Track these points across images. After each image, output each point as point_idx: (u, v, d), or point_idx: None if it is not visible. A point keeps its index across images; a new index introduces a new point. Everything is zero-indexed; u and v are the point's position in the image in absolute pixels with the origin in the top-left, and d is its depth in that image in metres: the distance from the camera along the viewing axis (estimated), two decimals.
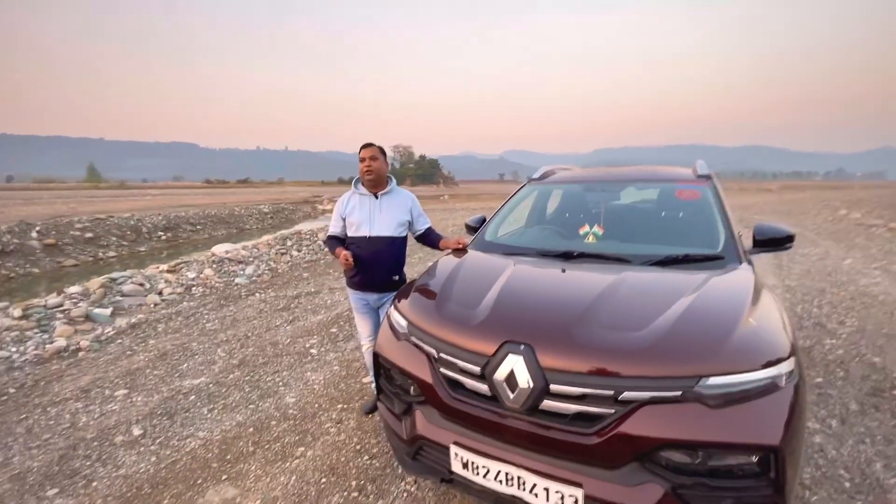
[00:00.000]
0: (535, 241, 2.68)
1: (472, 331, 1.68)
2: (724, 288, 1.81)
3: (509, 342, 1.56)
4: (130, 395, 3.19)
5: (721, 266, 2.01)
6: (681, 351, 1.44)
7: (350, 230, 2.66)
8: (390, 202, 2.69)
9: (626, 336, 1.50)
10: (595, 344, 1.49)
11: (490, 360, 1.57)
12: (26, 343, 4.17)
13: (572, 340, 1.50)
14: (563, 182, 3.14)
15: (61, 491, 2.20)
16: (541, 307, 1.74)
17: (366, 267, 2.63)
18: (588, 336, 1.52)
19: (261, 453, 2.47)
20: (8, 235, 10.04)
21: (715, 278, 1.86)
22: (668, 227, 2.54)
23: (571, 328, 1.55)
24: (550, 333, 1.56)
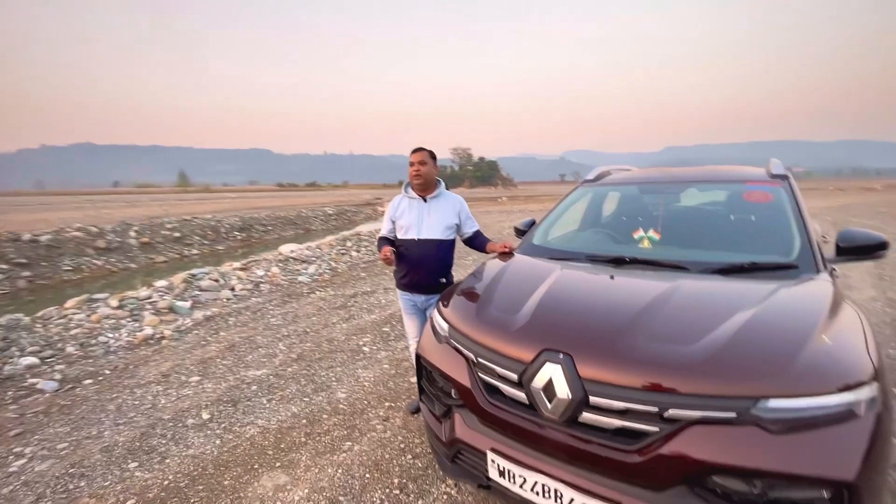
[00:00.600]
0: (586, 246, 2.58)
1: (510, 336, 1.65)
2: (795, 300, 1.63)
3: (548, 350, 1.52)
4: (202, 382, 3.49)
5: (794, 276, 1.81)
6: (737, 368, 1.31)
7: (399, 233, 2.74)
8: (438, 206, 2.73)
9: (675, 349, 1.40)
10: (639, 356, 1.40)
11: (528, 367, 1.54)
12: (120, 330, 4.70)
13: (614, 351, 1.43)
14: (618, 184, 3.00)
15: (140, 465, 2.45)
16: (583, 315, 1.67)
17: (414, 269, 2.70)
18: (632, 347, 1.43)
19: (311, 444, 2.59)
20: (112, 235, 11.39)
21: (785, 289, 1.68)
22: (733, 232, 2.34)
23: (615, 338, 1.48)
24: (591, 343, 1.49)
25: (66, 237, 10.29)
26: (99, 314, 4.92)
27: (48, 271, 9.31)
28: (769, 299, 1.60)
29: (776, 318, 1.50)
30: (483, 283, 2.12)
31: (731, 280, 1.83)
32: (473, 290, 2.09)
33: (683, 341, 1.43)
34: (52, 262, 9.57)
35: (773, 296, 1.62)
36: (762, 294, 1.64)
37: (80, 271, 9.83)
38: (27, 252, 9.29)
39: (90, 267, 10.08)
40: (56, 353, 4.15)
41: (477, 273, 2.34)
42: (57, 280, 9.27)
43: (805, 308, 1.55)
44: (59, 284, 9.16)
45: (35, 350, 4.13)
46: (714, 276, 1.88)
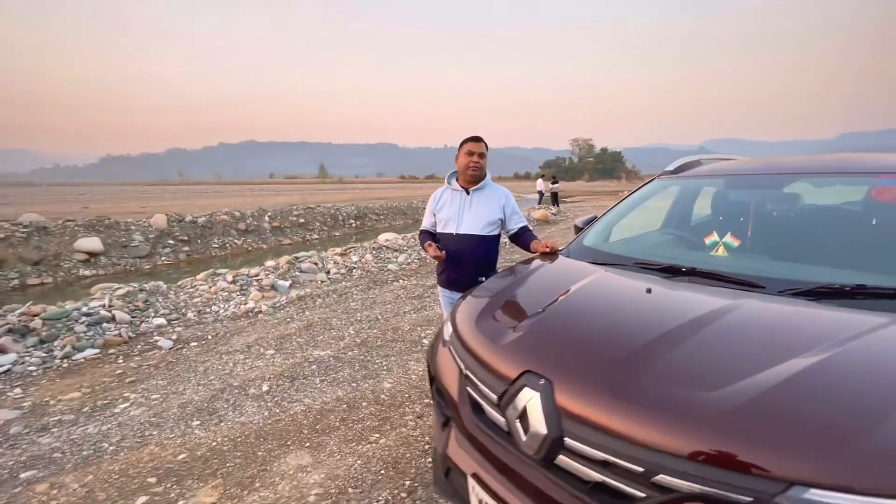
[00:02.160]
0: (642, 250, 2.16)
1: (498, 350, 1.44)
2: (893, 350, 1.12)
3: (530, 372, 1.28)
4: (274, 356, 3.83)
5: None
6: (769, 432, 0.94)
7: (439, 226, 2.63)
8: (481, 199, 2.55)
9: (685, 392, 1.06)
10: (632, 394, 1.09)
11: (508, 388, 1.32)
12: (230, 302, 5.42)
13: (603, 383, 1.13)
14: (703, 176, 2.45)
15: (201, 424, 2.77)
16: (586, 334, 1.38)
17: (451, 265, 2.57)
18: (628, 381, 1.12)
19: (343, 430, 2.65)
20: (250, 219, 13.28)
21: (893, 327, 1.17)
22: (848, 240, 1.73)
23: (611, 367, 1.17)
24: (577, 369, 1.21)
25: (217, 220, 12.28)
26: (217, 287, 5.75)
27: (201, 248, 11.23)
28: (860, 340, 1.13)
29: (859, 369, 1.05)
30: (500, 285, 1.91)
31: (819, 307, 1.35)
32: (487, 292, 1.88)
33: (702, 383, 1.08)
34: (205, 240, 11.52)
35: (868, 336, 1.14)
36: (855, 331, 1.17)
37: (225, 249, 11.66)
38: (188, 231, 11.31)
39: (232, 246, 11.90)
40: (179, 317, 4.95)
41: (503, 273, 2.12)
42: (207, 255, 11.14)
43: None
44: (209, 259, 10.99)
45: (165, 313, 4.98)
46: (797, 299, 1.41)
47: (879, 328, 1.18)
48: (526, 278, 1.93)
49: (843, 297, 1.38)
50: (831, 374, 1.03)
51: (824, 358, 1.08)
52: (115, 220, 10.43)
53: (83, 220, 9.91)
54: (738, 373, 1.08)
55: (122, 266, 9.40)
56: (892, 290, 1.34)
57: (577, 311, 1.53)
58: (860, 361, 1.07)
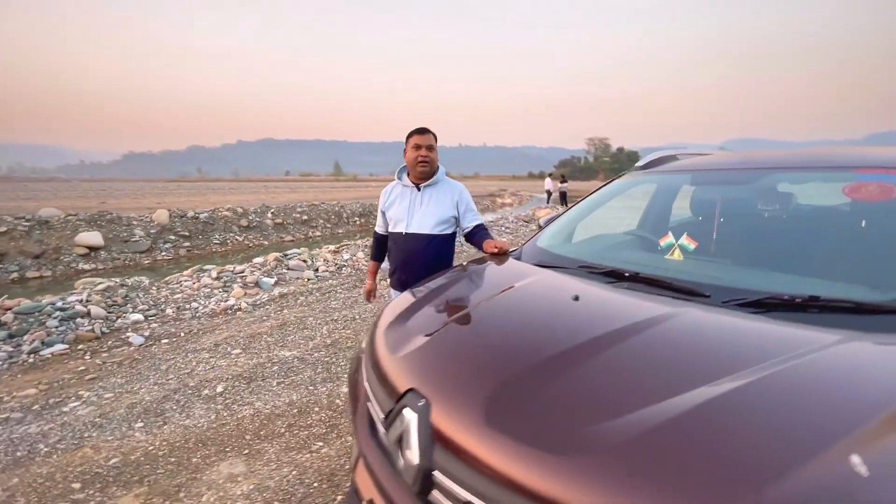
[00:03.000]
0: (596, 252, 1.97)
1: (394, 362, 1.28)
2: (846, 374, 0.92)
3: (414, 391, 1.12)
4: (240, 356, 3.72)
5: (885, 328, 1.06)
6: (661, 474, 0.76)
7: (389, 225, 2.48)
8: (433, 196, 2.39)
9: (567, 423, 0.88)
10: (508, 423, 0.91)
11: (394, 407, 1.16)
12: (211, 299, 5.35)
13: (478, 409, 0.96)
14: (671, 172, 2.24)
15: (144, 426, 2.67)
16: (484, 348, 1.20)
17: (401, 266, 2.43)
18: (508, 407, 0.95)
19: (287, 437, 2.52)
20: (253, 215, 13.32)
21: (842, 350, 0.98)
22: (814, 244, 1.52)
23: (495, 390, 1.00)
24: (458, 391, 1.04)
25: (219, 216, 12.34)
26: (200, 283, 5.69)
27: (202, 243, 11.28)
28: (796, 363, 0.94)
29: (788, 398, 0.86)
30: (431, 287, 1.74)
31: (761, 321, 1.16)
32: (414, 295, 1.72)
33: (594, 411, 0.90)
34: (206, 236, 11.57)
35: (809, 357, 0.95)
36: (793, 352, 0.98)
37: (226, 245, 11.70)
38: (190, 227, 11.37)
39: (233, 242, 11.94)
40: (157, 313, 4.89)
41: (443, 273, 1.95)
42: (208, 251, 11.18)
43: (855, 393, 0.86)
44: (209, 254, 11.02)
45: (144, 308, 4.93)
46: (741, 311, 1.21)
47: (823, 349, 0.99)
48: (458, 281, 1.76)
49: (792, 310, 1.18)
50: (754, 404, 0.84)
51: (749, 383, 0.89)
52: (117, 215, 10.54)
53: (85, 215, 10.03)
54: (638, 399, 0.90)
55: (122, 260, 9.47)
56: (847, 303, 1.13)
57: (487, 319, 1.36)
58: (791, 388, 0.88)
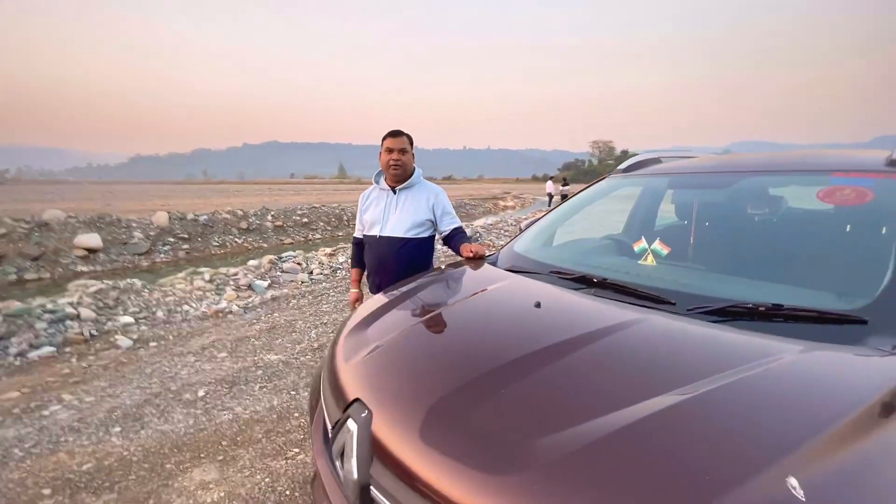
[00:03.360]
0: (570, 257, 1.93)
1: (345, 369, 1.24)
2: (797, 388, 0.88)
3: (359, 401, 1.08)
4: (225, 360, 3.70)
5: (855, 339, 1.01)
6: (604, 491, 0.71)
7: (365, 228, 2.47)
8: (409, 199, 2.37)
9: (504, 438, 0.84)
10: (444, 437, 0.88)
11: (341, 417, 1.12)
12: (203, 301, 5.35)
13: (416, 422, 0.92)
14: (653, 175, 2.20)
15: (122, 430, 2.64)
16: (435, 357, 1.17)
17: (376, 270, 2.40)
18: (447, 420, 0.91)
19: (264, 444, 2.48)
20: (253, 218, 13.34)
21: (802, 358, 0.94)
22: (786, 250, 1.47)
23: (437, 401, 0.96)
24: (399, 402, 1.01)
25: (219, 218, 12.37)
26: (193, 286, 5.68)
27: (201, 246, 11.31)
28: (753, 374, 0.90)
29: (737, 411, 0.82)
30: (395, 293, 1.70)
31: (723, 330, 1.11)
32: (380, 299, 1.68)
33: (536, 425, 0.86)
34: (205, 238, 11.60)
35: (764, 369, 0.91)
36: (752, 362, 0.94)
37: (225, 247, 11.72)
38: (189, 229, 11.41)
39: (232, 244, 11.96)
40: (148, 316, 4.88)
41: (413, 278, 1.91)
42: (206, 253, 11.20)
43: (804, 409, 0.82)
44: (208, 257, 11.04)
45: (135, 311, 4.92)
46: (705, 319, 1.17)
47: (780, 360, 0.95)
48: (426, 286, 1.72)
49: (756, 319, 1.14)
50: (699, 417, 0.81)
51: (698, 395, 0.85)
52: (116, 218, 10.58)
53: (85, 217, 10.08)
54: (585, 411, 0.87)
55: (121, 263, 9.51)
56: (811, 312, 1.09)
57: (443, 327, 1.32)
58: (741, 401, 0.84)
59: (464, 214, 24.39)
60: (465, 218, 22.69)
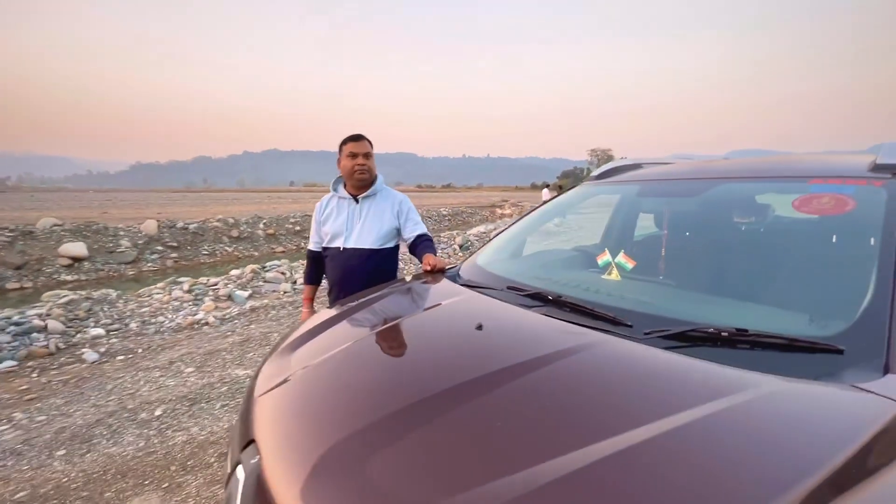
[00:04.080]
0: (530, 271, 1.79)
1: (254, 403, 1.09)
2: (757, 436, 0.73)
3: (254, 444, 0.93)
4: (191, 375, 3.53)
5: (829, 371, 0.87)
6: None
7: (325, 240, 2.28)
8: (372, 207, 2.23)
9: (406, 498, 0.69)
10: (333, 493, 0.73)
11: (239, 457, 0.98)
12: (179, 312, 5.19)
13: (308, 473, 0.77)
14: (627, 182, 2.06)
15: (65, 454, 2.48)
16: (345, 391, 1.02)
17: (339, 284, 2.22)
18: (340, 471, 0.76)
19: (214, 469, 2.32)
20: (244, 226, 13.21)
21: (762, 394, 0.80)
22: (761, 266, 1.33)
23: (334, 446, 0.81)
24: (293, 448, 0.86)
25: (209, 227, 12.24)
26: (171, 296, 5.53)
27: (191, 254, 11.17)
28: (704, 413, 0.75)
29: (679, 458, 0.68)
30: (335, 312, 1.55)
31: (683, 358, 0.97)
32: (318, 318, 1.53)
33: (441, 480, 0.71)
34: (195, 246, 11.46)
35: (712, 411, 0.76)
36: (700, 402, 0.79)
37: (214, 256, 11.58)
38: (178, 237, 11.27)
39: (222, 253, 11.82)
40: (120, 328, 4.72)
41: (363, 294, 1.76)
42: (196, 262, 11.05)
43: (755, 470, 0.67)
44: (197, 265, 10.89)
45: (107, 323, 4.76)
46: (662, 344, 1.02)
47: (736, 399, 0.80)
48: (372, 304, 1.58)
49: (719, 346, 0.99)
50: (635, 465, 0.67)
51: (638, 439, 0.71)
52: (103, 226, 10.45)
53: (71, 225, 9.94)
54: (504, 461, 0.72)
55: (106, 272, 9.35)
56: (781, 339, 0.94)
57: (369, 353, 1.17)
58: (685, 446, 0.70)
59: (461, 222, 24.30)
60: (462, 225, 22.58)
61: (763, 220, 1.49)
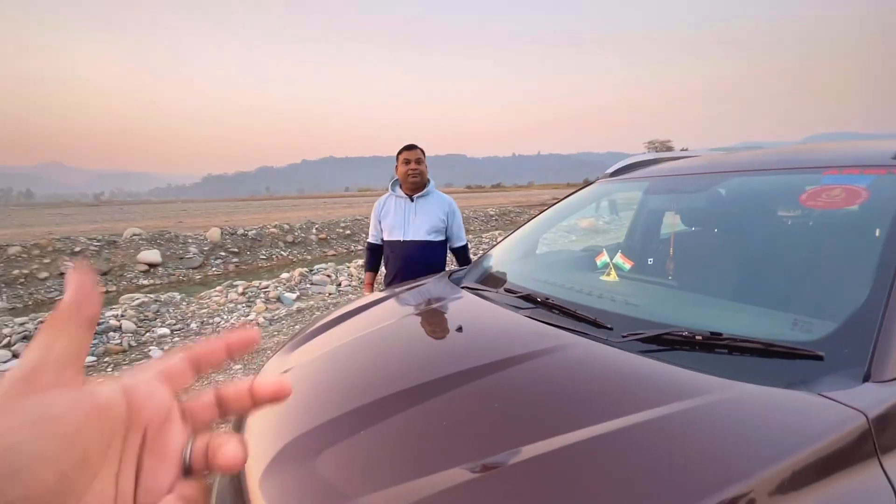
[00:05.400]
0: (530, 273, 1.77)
1: None
2: (693, 435, 0.71)
3: (241, 430, 1.02)
4: (238, 372, 3.81)
5: (803, 377, 0.82)
6: None
7: (385, 233, 2.65)
8: (425, 206, 2.59)
9: (346, 489, 0.75)
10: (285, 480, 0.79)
11: None
12: (234, 314, 5.60)
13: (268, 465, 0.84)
14: (639, 179, 1.98)
15: None
16: (325, 388, 1.08)
17: (400, 271, 2.57)
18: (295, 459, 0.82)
19: None
20: (298, 231, 13.94)
21: (713, 403, 0.78)
22: (758, 265, 1.24)
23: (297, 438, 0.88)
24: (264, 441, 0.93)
25: (266, 233, 13.04)
26: (226, 299, 5.98)
27: (250, 259, 11.96)
28: (662, 416, 0.75)
29: (635, 459, 0.68)
30: (342, 312, 1.64)
31: (655, 362, 0.95)
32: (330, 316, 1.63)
33: (383, 472, 0.75)
34: (254, 251, 12.26)
35: (676, 412, 0.75)
36: (666, 405, 0.78)
37: (271, 260, 12.32)
38: (239, 243, 12.11)
39: (278, 257, 12.54)
40: (182, 328, 5.18)
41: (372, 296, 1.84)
42: (254, 266, 11.82)
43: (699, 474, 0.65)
44: (255, 269, 11.64)
45: (171, 323, 5.24)
46: (634, 349, 1.01)
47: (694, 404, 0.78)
48: (378, 304, 1.65)
49: (697, 350, 0.96)
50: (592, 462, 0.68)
51: (594, 437, 0.72)
52: (174, 234, 11.46)
53: (147, 234, 11.00)
54: (452, 454, 0.76)
55: (177, 276, 10.25)
56: (757, 343, 0.89)
57: (354, 352, 1.24)
58: (642, 447, 0.70)
59: (508, 222, 24.08)
60: (510, 225, 22.36)
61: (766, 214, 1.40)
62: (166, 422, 0.26)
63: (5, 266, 8.80)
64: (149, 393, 0.26)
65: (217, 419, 0.29)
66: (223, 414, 0.29)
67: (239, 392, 0.29)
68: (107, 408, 0.23)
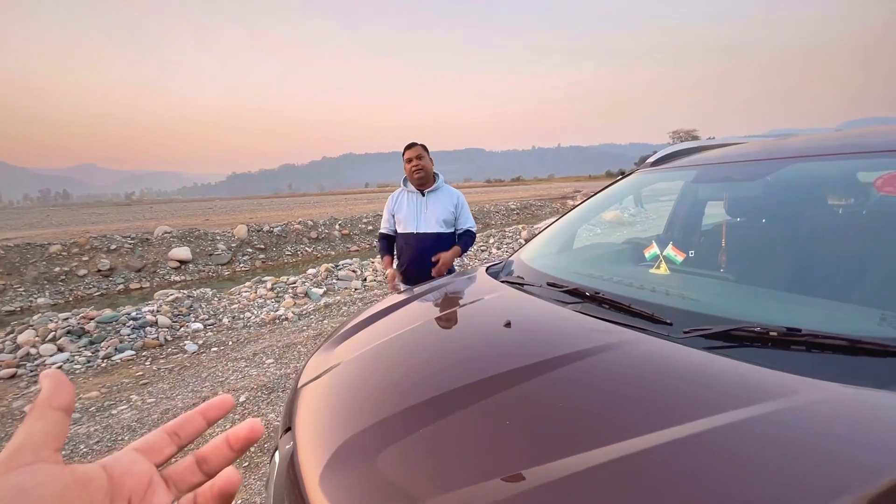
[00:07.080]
0: (574, 266, 1.72)
1: (298, 392, 1.19)
2: (802, 450, 0.65)
3: (291, 431, 1.02)
4: (271, 366, 3.88)
5: (893, 378, 0.75)
6: None
7: (399, 227, 2.80)
8: (436, 199, 2.73)
9: (411, 491, 0.72)
10: (343, 481, 0.78)
11: (278, 443, 1.08)
12: (263, 309, 5.70)
13: (326, 462, 0.83)
14: (684, 168, 1.90)
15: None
16: (373, 385, 1.06)
17: (414, 262, 2.69)
18: (353, 462, 0.81)
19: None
20: (322, 227, 14.11)
21: (810, 405, 0.71)
22: (822, 255, 1.16)
23: (354, 437, 0.86)
24: (320, 437, 0.92)
25: (291, 229, 13.24)
26: (256, 294, 6.09)
27: (276, 255, 12.18)
28: (742, 421, 0.70)
29: (712, 468, 0.63)
30: (381, 308, 1.62)
31: (725, 360, 0.89)
32: (368, 312, 1.61)
33: (453, 473, 0.73)
34: (279, 248, 12.47)
35: (755, 416, 0.70)
36: (743, 407, 0.73)
37: (296, 256, 12.51)
38: (265, 240, 12.34)
39: (303, 253, 12.73)
40: (215, 322, 5.30)
41: (410, 290, 1.83)
42: (280, 262, 12.03)
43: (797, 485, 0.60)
44: (281, 265, 11.85)
45: (204, 318, 5.37)
46: (699, 346, 0.95)
47: (782, 406, 0.72)
48: (417, 299, 1.63)
49: (770, 347, 0.90)
50: (662, 470, 0.64)
51: (663, 445, 0.68)
52: (203, 232, 11.75)
53: (178, 232, 11.31)
54: (518, 457, 0.73)
55: (206, 272, 10.52)
56: (841, 340, 0.83)
57: (402, 349, 1.21)
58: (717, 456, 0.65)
59: (529, 215, 23.83)
60: (531, 219, 22.13)
61: (837, 202, 1.30)
62: (149, 490, 0.28)
63: (47, 264, 9.20)
64: (129, 464, 0.28)
65: (204, 479, 0.31)
66: (207, 472, 0.31)
67: (217, 447, 0.31)
68: (86, 480, 0.25)
